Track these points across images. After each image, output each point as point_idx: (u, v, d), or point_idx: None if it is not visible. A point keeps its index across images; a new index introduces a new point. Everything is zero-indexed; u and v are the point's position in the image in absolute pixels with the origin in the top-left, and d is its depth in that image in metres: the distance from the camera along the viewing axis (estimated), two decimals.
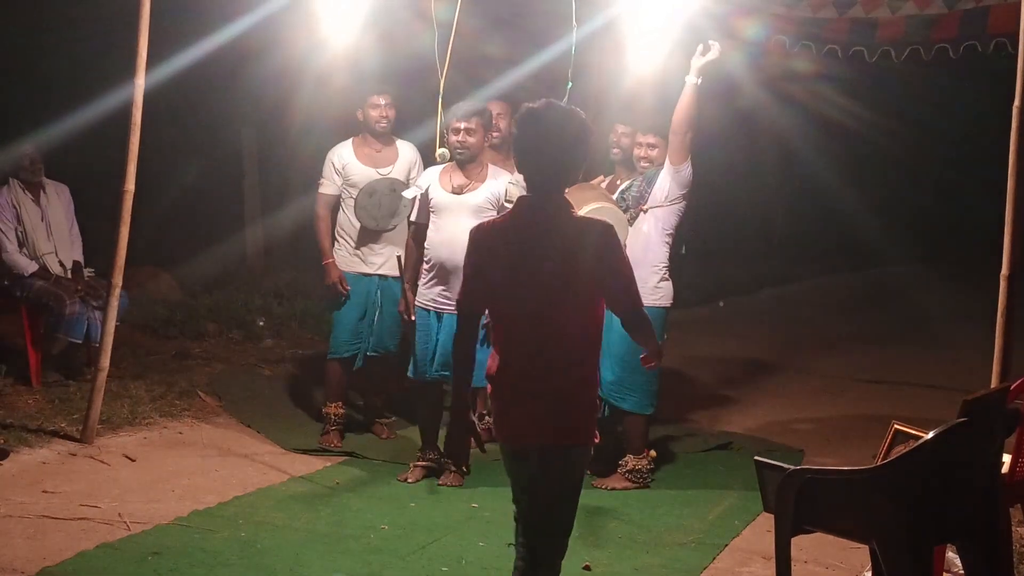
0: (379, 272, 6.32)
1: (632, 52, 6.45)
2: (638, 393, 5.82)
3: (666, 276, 5.83)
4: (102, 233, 6.94)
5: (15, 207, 6.89)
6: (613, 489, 5.83)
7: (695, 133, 5.74)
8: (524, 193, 5.31)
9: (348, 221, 6.32)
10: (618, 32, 6.70)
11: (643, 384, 5.82)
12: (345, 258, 6.35)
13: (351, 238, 6.32)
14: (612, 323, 5.81)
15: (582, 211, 5.61)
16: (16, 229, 6.88)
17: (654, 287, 5.76)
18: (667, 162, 5.79)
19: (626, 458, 5.89)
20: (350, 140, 6.38)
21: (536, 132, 3.53)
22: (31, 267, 6.86)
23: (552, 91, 6.16)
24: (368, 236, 6.26)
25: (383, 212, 6.14)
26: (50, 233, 6.99)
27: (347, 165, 6.31)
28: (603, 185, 6.26)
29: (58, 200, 7.09)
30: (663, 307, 5.83)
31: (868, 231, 14.87)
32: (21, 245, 6.90)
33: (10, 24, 9.10)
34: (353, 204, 6.19)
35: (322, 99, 8.32)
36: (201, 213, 10.35)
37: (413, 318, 5.76)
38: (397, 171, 6.24)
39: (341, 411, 6.43)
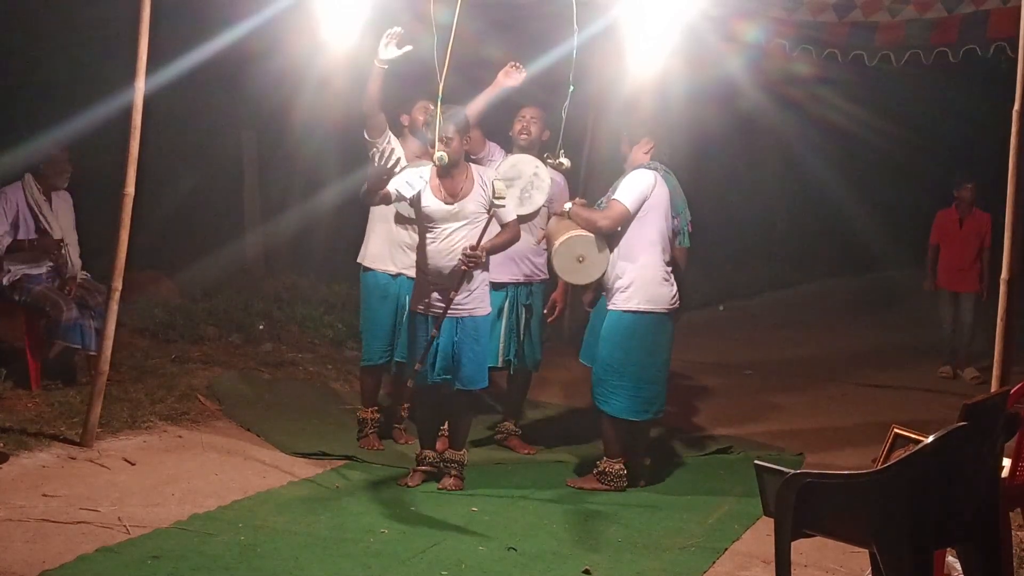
0: (404, 271, 6.22)
1: (632, 55, 6.46)
2: (614, 395, 5.79)
3: (634, 283, 5.75)
4: (102, 237, 6.94)
5: (31, 206, 6.88)
6: (580, 488, 5.85)
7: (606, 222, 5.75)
8: (505, 187, 5.60)
9: (383, 217, 6.28)
10: (618, 35, 6.71)
11: (618, 388, 5.78)
12: (375, 254, 6.32)
13: (380, 234, 6.31)
14: (598, 329, 5.84)
15: (560, 239, 5.78)
16: (7, 226, 6.85)
17: (616, 291, 5.78)
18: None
19: (602, 459, 5.90)
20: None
21: None
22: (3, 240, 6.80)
23: (553, 94, 6.22)
24: (398, 235, 6.24)
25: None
26: (62, 234, 7.01)
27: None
28: None
29: (64, 204, 7.11)
30: (623, 311, 5.77)
31: (869, 234, 14.87)
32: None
33: (11, 27, 9.10)
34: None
35: (322, 103, 8.34)
36: (201, 217, 10.35)
37: None
38: None
39: (378, 415, 6.48)
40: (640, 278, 5.75)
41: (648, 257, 5.77)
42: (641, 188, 5.77)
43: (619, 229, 5.79)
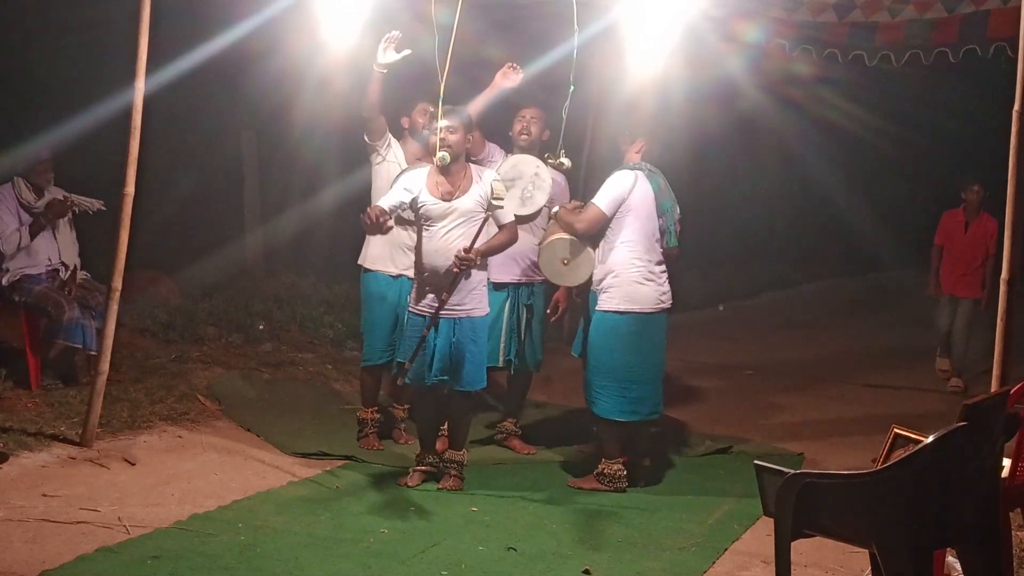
0: (405, 273, 6.21)
1: (632, 55, 6.46)
2: (601, 396, 5.80)
3: (614, 284, 5.76)
4: (102, 237, 6.93)
5: (25, 206, 6.88)
6: (580, 489, 5.85)
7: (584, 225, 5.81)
8: (504, 188, 5.65)
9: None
10: (618, 35, 6.71)
11: (604, 388, 5.78)
12: (375, 256, 6.33)
13: (381, 236, 6.29)
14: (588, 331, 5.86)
15: (548, 239, 5.85)
16: (19, 222, 6.86)
17: (600, 292, 5.80)
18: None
19: (602, 461, 5.89)
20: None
21: None
22: (21, 242, 6.82)
23: (553, 94, 6.22)
24: (399, 237, 6.24)
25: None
26: (55, 235, 7.00)
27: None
28: None
29: None
30: (605, 311, 5.78)
31: (869, 235, 14.87)
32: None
33: (10, 27, 9.10)
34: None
35: (322, 103, 8.34)
36: (201, 217, 10.33)
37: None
38: None
39: (377, 415, 6.50)
40: (620, 278, 5.76)
41: (627, 257, 5.77)
42: (618, 190, 5.79)
43: (599, 231, 5.80)
